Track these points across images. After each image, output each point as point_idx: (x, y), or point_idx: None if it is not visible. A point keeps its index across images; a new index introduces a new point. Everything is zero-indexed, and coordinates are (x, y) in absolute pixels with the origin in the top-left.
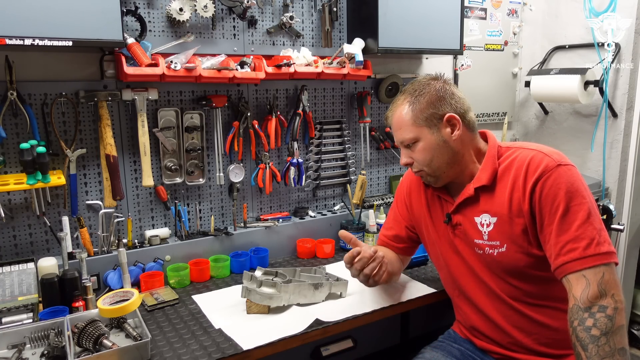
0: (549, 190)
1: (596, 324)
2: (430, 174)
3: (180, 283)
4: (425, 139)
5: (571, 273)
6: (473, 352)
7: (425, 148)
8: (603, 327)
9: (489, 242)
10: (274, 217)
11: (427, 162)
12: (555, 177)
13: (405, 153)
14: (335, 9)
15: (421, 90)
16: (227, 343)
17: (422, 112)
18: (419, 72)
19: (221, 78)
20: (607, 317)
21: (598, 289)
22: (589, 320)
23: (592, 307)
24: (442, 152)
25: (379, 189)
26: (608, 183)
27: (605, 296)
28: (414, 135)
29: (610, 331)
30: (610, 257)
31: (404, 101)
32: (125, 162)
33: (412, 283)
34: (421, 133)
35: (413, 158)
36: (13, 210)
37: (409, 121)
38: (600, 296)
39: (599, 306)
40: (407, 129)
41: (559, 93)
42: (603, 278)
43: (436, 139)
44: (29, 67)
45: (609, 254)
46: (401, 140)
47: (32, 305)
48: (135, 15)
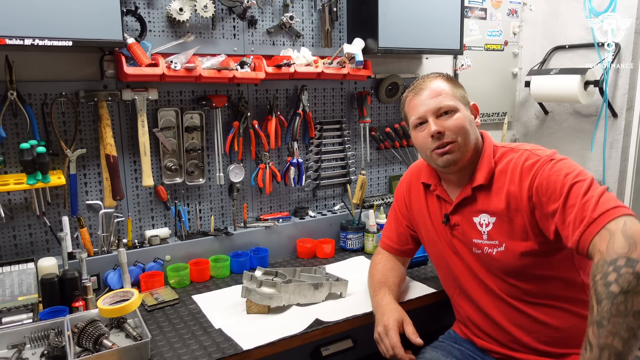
0: (547, 179)
1: (618, 280)
2: (461, 146)
3: (180, 283)
4: (462, 112)
5: (594, 237)
6: (473, 352)
7: (463, 118)
8: (625, 284)
9: (488, 242)
10: (274, 217)
11: (463, 132)
12: (550, 167)
13: (437, 122)
14: (335, 9)
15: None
16: (227, 343)
17: (458, 90)
18: (419, 72)
19: (221, 78)
20: (634, 274)
21: (624, 237)
22: (613, 274)
23: (618, 260)
24: (472, 131)
25: (379, 189)
26: (608, 183)
27: (634, 248)
28: (454, 104)
29: (633, 290)
30: (623, 210)
31: (438, 77)
32: (125, 162)
33: (412, 283)
34: (459, 105)
35: (445, 128)
36: (13, 210)
37: (450, 91)
38: (629, 247)
39: (627, 259)
40: (448, 96)
41: (559, 93)
42: (626, 226)
43: (469, 116)
44: (29, 67)
45: (619, 207)
46: (439, 106)
47: (32, 305)
48: (135, 15)
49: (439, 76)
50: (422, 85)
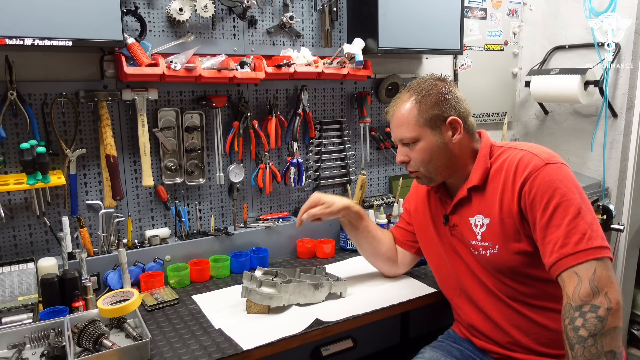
0: (537, 189)
1: (585, 325)
2: (425, 174)
3: (180, 283)
4: (426, 140)
5: (563, 271)
6: (472, 352)
7: (425, 149)
8: (592, 328)
9: (482, 243)
10: (274, 217)
11: (425, 162)
12: (542, 175)
13: (403, 151)
14: (335, 9)
15: (428, 90)
16: (227, 343)
17: (426, 112)
18: (419, 72)
19: (221, 78)
20: (598, 318)
21: (590, 286)
22: (579, 319)
23: (583, 306)
24: (441, 154)
25: (379, 189)
26: (608, 183)
27: (598, 295)
28: (415, 135)
29: (600, 333)
30: (602, 252)
31: (409, 98)
32: (125, 162)
33: (412, 283)
34: (423, 133)
35: (410, 157)
36: (13, 210)
37: (412, 120)
38: (593, 294)
39: (590, 305)
40: (409, 127)
41: (559, 93)
42: (595, 274)
43: (437, 140)
44: (29, 67)
45: (601, 248)
46: (401, 138)
47: (32, 305)
48: (135, 15)
49: (409, 98)
50: (391, 110)
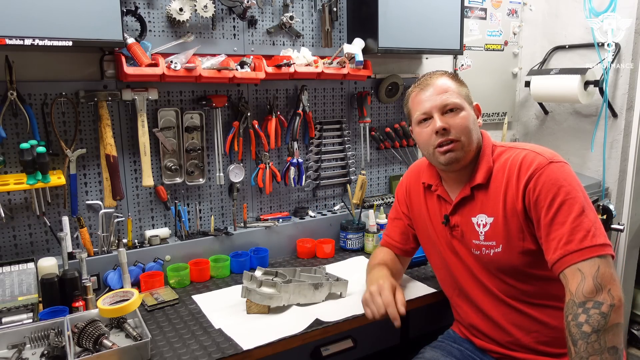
0: (541, 187)
1: (589, 321)
2: (464, 145)
3: (180, 283)
4: (467, 110)
5: (567, 267)
6: (472, 352)
7: (468, 117)
8: (595, 324)
9: (485, 243)
10: (274, 217)
11: (468, 131)
12: (547, 174)
13: (442, 119)
14: (335, 9)
15: (455, 74)
16: (227, 343)
17: (462, 89)
18: (419, 72)
19: (221, 78)
20: (601, 314)
21: (593, 283)
22: (582, 316)
23: (586, 303)
24: (475, 130)
25: (379, 189)
26: (608, 183)
27: (601, 291)
28: (460, 102)
29: (603, 329)
30: (605, 249)
31: (444, 74)
32: (125, 162)
33: (412, 283)
34: (464, 104)
35: (451, 125)
36: (13, 210)
37: (456, 89)
38: (596, 291)
39: (594, 302)
40: (454, 94)
41: (559, 93)
42: (598, 271)
43: (472, 116)
44: (29, 67)
45: (604, 246)
46: (445, 103)
47: (32, 305)
48: (135, 15)
49: (445, 74)
50: (428, 82)
